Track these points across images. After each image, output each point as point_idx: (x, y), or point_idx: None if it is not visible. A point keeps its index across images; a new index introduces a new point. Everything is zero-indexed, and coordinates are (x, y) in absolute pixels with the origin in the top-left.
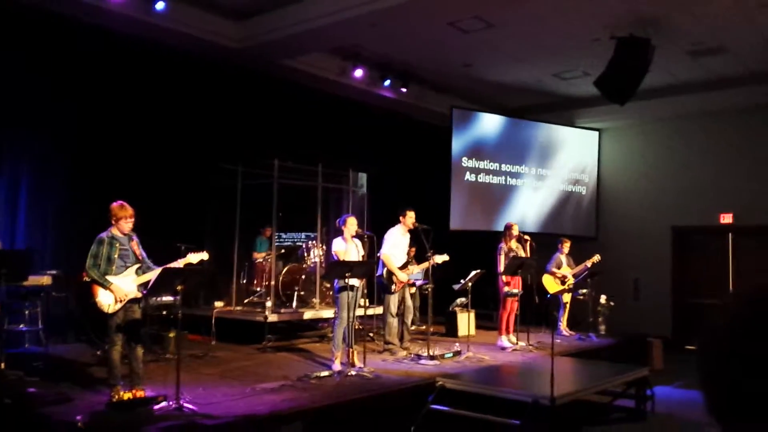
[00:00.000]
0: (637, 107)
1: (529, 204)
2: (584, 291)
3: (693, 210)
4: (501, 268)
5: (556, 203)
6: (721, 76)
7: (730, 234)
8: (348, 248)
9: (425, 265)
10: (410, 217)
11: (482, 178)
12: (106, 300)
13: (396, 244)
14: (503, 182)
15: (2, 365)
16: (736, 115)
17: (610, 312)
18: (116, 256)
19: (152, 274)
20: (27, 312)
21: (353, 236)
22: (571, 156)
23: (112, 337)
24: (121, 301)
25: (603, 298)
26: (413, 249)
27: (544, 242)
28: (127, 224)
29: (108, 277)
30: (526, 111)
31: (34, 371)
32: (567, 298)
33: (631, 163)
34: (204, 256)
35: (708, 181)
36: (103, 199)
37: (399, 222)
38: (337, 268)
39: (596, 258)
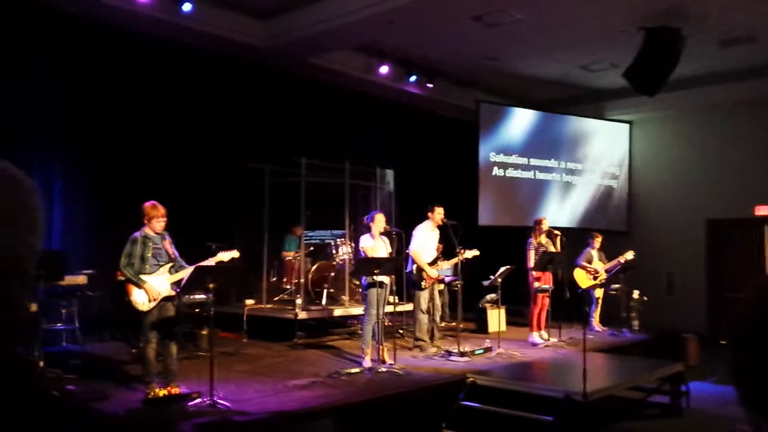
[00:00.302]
0: (668, 98)
1: (558, 199)
2: (617, 286)
3: (727, 202)
4: (531, 263)
5: (587, 197)
6: (751, 66)
7: (765, 226)
8: (375, 245)
9: (454, 260)
10: (439, 212)
11: (510, 173)
12: (140, 298)
13: (425, 240)
14: (532, 177)
15: (41, 363)
16: None
17: (644, 307)
18: (150, 254)
19: (185, 273)
20: (64, 311)
21: (381, 233)
22: (602, 149)
23: (146, 335)
24: (155, 300)
25: (636, 294)
26: (441, 245)
27: (575, 237)
28: (159, 223)
29: (142, 276)
30: (553, 104)
31: (71, 369)
32: (599, 293)
33: (663, 156)
34: (235, 254)
35: (742, 172)
36: (135, 200)
37: (427, 218)
38: (365, 264)
39: (630, 254)
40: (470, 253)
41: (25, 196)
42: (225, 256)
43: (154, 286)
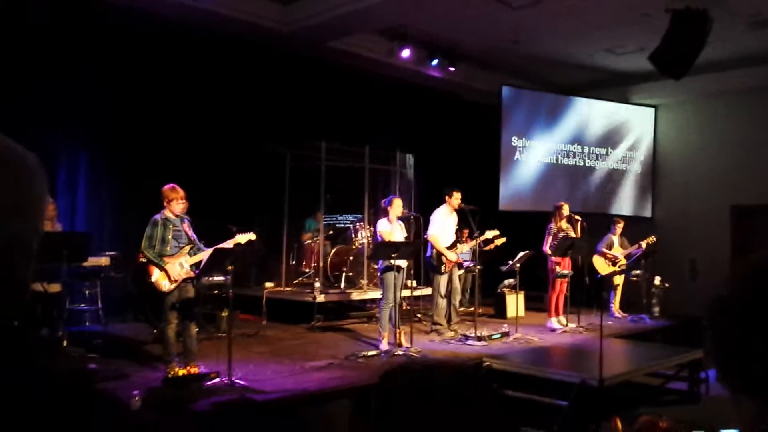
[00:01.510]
0: (694, 82)
1: (581, 183)
2: (637, 272)
3: (753, 188)
4: (547, 248)
5: (611, 182)
6: None
7: None
8: (392, 229)
9: (473, 243)
10: (456, 198)
11: (532, 157)
12: (161, 279)
13: (443, 225)
14: (554, 161)
15: (65, 342)
16: None
17: (665, 294)
18: (170, 237)
19: (204, 255)
20: (87, 292)
21: (398, 217)
22: (626, 134)
23: (167, 316)
24: (175, 281)
25: (657, 280)
26: (466, 230)
27: (597, 223)
28: (178, 206)
29: (163, 258)
30: (578, 88)
31: (94, 348)
32: (619, 279)
33: (689, 140)
34: (252, 236)
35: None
36: (158, 183)
37: (445, 202)
38: (383, 248)
39: (651, 239)
40: (490, 233)
41: (28, 177)
42: (242, 238)
43: (175, 267)
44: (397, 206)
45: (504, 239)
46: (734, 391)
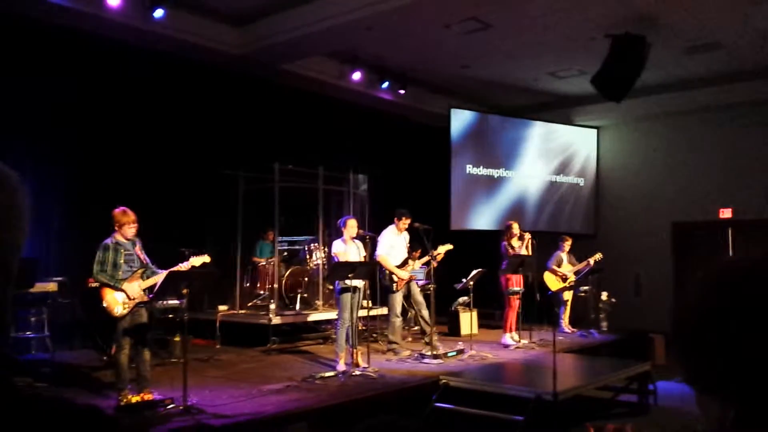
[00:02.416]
0: (635, 104)
1: (528, 202)
2: (585, 288)
3: (693, 205)
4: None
5: (556, 201)
6: (716, 73)
7: (729, 229)
8: (348, 249)
9: (425, 258)
10: (404, 223)
11: (481, 177)
12: (114, 304)
13: (392, 244)
14: (502, 182)
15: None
16: (733, 110)
17: (612, 308)
18: (122, 261)
19: (158, 278)
20: (33, 319)
21: (354, 237)
22: (570, 154)
23: (119, 341)
24: (128, 305)
25: (604, 295)
26: (419, 251)
27: (544, 240)
28: (130, 229)
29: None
30: (523, 110)
31: (42, 377)
32: (568, 295)
33: (630, 160)
34: (206, 258)
35: (707, 176)
36: (107, 206)
37: (394, 223)
38: (340, 269)
39: (598, 256)
40: (443, 248)
41: (12, 194)
42: (196, 261)
43: (133, 287)
44: (351, 227)
45: (451, 246)
46: (700, 392)
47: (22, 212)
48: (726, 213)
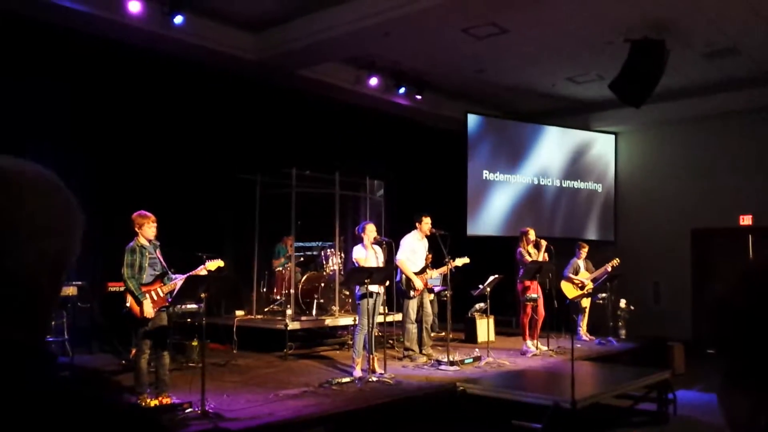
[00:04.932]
0: (654, 110)
1: (546, 209)
2: (603, 295)
3: (712, 212)
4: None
5: (574, 208)
6: (735, 78)
7: (750, 235)
8: (368, 255)
9: (443, 269)
10: (426, 223)
11: (498, 183)
12: (147, 306)
13: (413, 250)
14: (519, 187)
15: None
16: (753, 115)
17: (631, 316)
18: (146, 264)
19: (178, 282)
20: (52, 323)
21: (372, 243)
22: (588, 160)
23: (140, 345)
24: (157, 307)
25: (623, 303)
26: (431, 255)
27: (562, 247)
28: (150, 229)
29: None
30: (541, 115)
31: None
32: (586, 303)
33: (649, 166)
34: (220, 262)
35: (726, 182)
36: (126, 211)
37: (415, 228)
38: (356, 274)
39: (615, 261)
40: (460, 261)
41: (73, 201)
42: (211, 265)
43: (154, 297)
44: (370, 232)
45: (467, 260)
46: (733, 387)
47: (80, 218)
48: (746, 220)
